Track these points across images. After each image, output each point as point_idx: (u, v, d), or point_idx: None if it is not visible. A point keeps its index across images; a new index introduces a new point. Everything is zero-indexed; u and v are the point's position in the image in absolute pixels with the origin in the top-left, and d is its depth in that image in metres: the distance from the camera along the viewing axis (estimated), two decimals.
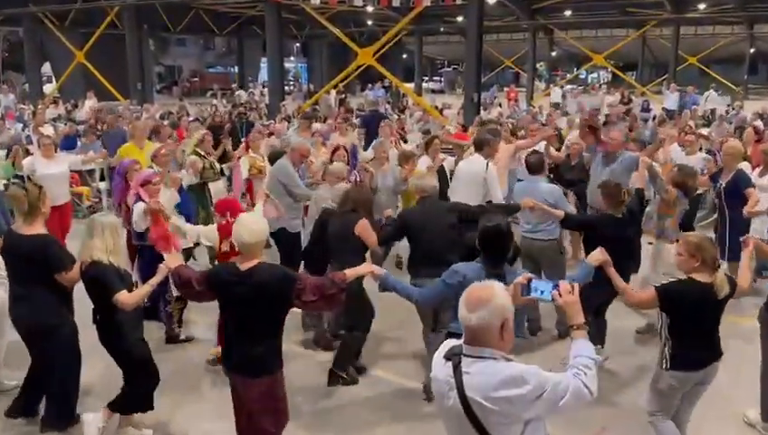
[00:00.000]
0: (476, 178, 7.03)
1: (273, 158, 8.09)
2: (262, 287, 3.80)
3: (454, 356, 2.58)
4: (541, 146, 8.76)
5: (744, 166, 7.78)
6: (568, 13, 31.21)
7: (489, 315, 2.48)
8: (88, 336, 4.62)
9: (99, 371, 5.27)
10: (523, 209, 6.09)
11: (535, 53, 32.86)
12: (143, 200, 5.83)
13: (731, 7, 28.73)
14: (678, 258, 4.05)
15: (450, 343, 2.71)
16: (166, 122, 13.48)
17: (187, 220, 6.64)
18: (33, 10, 26.41)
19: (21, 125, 15.84)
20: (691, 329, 4.01)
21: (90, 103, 20.78)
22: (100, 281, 4.27)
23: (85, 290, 4.45)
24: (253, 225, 3.93)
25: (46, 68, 32.51)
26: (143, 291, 4.50)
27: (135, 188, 6.00)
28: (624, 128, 11.74)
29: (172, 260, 4.33)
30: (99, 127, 13.59)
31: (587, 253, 5.37)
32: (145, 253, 6.02)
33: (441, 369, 2.61)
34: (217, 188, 8.41)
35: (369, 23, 33.82)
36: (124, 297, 4.26)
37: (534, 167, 6.78)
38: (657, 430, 4.22)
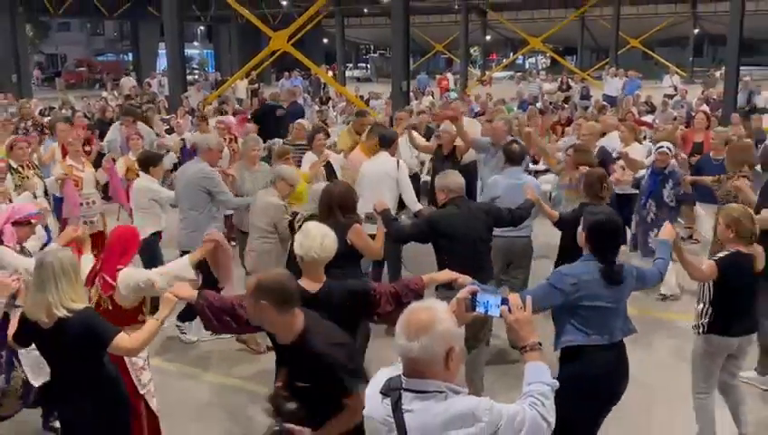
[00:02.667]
0: (387, 180, 7.02)
1: (145, 160, 7.39)
2: (340, 308, 3.63)
3: (392, 392, 2.43)
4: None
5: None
6: None
7: (432, 343, 2.34)
8: None
9: None
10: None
11: (468, 37, 33.42)
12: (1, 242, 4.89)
13: None
14: (719, 227, 4.73)
15: (385, 373, 2.56)
16: (46, 120, 13.04)
17: None
18: None
19: None
20: (734, 298, 4.56)
21: None
22: (91, 331, 3.60)
23: (52, 360, 3.76)
24: (326, 237, 3.68)
25: None
26: (151, 328, 3.83)
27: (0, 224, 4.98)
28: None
29: (182, 288, 3.86)
30: None
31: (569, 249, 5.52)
32: None
33: (377, 407, 2.47)
34: None
35: (284, 3, 33.66)
36: (127, 342, 3.67)
37: (518, 156, 6.95)
38: (698, 410, 4.74)
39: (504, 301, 2.68)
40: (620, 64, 29.29)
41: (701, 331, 4.67)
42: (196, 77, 33.54)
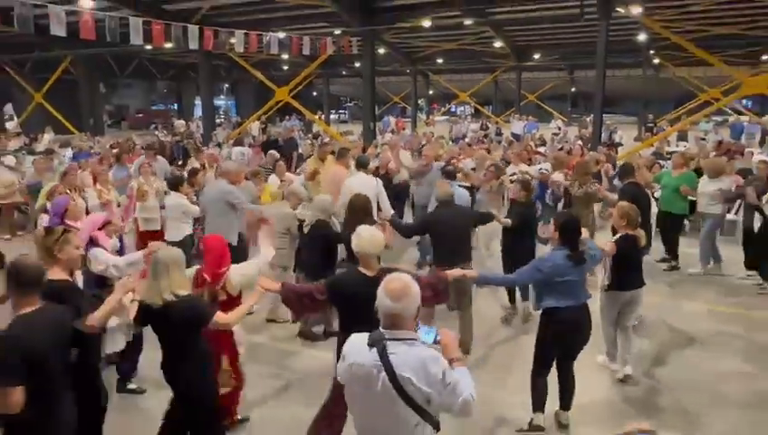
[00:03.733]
0: (370, 194, 6.78)
1: (174, 182, 7.08)
2: (368, 292, 3.50)
3: (377, 342, 2.40)
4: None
5: None
6: (440, 61, 31.97)
7: (410, 304, 2.41)
8: None
9: None
10: None
11: (416, 92, 33.55)
12: (99, 245, 4.59)
13: (557, 58, 30.45)
14: (613, 218, 5.00)
15: (359, 336, 2.50)
16: (114, 151, 12.72)
17: None
18: None
19: None
20: (625, 265, 4.88)
21: (48, 137, 19.37)
22: (195, 311, 3.43)
23: (162, 334, 3.49)
24: (374, 236, 3.53)
25: (9, 107, 29.93)
26: (244, 308, 3.71)
27: (90, 232, 4.63)
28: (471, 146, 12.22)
29: (266, 282, 3.71)
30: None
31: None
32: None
33: (366, 355, 2.41)
34: None
35: (285, 67, 33.38)
36: (224, 318, 3.49)
37: (453, 174, 7.27)
38: (604, 335, 5.17)
39: (436, 337, 2.53)
40: (522, 112, 29.65)
41: (605, 289, 5.02)
42: (222, 120, 33.03)
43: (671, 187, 8.07)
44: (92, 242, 4.55)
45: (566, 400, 4.43)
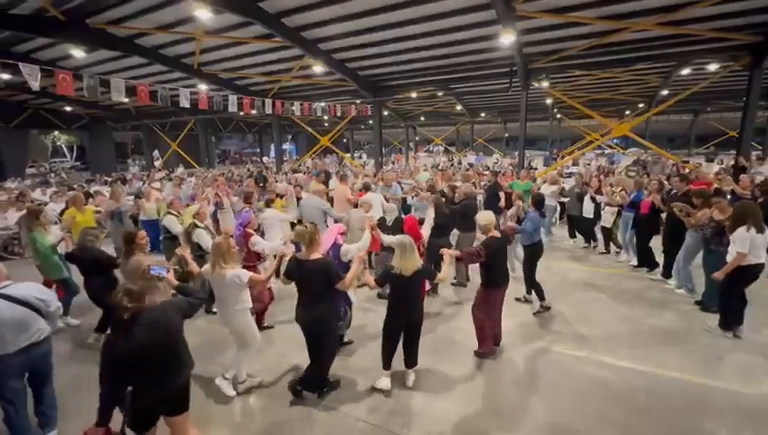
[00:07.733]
0: (379, 204, 6.72)
1: (269, 202, 6.22)
2: (500, 244, 3.84)
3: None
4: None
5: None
6: (422, 118, 31.76)
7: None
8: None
9: None
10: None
11: (408, 138, 33.43)
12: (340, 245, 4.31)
13: (496, 115, 30.18)
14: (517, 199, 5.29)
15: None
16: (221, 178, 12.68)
17: None
18: (147, 122, 24.48)
19: (141, 183, 14.72)
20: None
21: (180, 170, 19.55)
22: (428, 272, 3.52)
23: (402, 290, 3.49)
24: (487, 215, 3.80)
25: (156, 152, 30.21)
26: (446, 272, 3.61)
27: (335, 234, 4.31)
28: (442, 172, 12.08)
29: (449, 251, 3.69)
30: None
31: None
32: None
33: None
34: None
35: (326, 124, 33.35)
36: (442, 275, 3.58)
37: (433, 190, 7.05)
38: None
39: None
40: (474, 149, 29.41)
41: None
42: (287, 158, 32.92)
43: (520, 189, 8.38)
44: (335, 244, 4.29)
45: (542, 293, 4.95)
